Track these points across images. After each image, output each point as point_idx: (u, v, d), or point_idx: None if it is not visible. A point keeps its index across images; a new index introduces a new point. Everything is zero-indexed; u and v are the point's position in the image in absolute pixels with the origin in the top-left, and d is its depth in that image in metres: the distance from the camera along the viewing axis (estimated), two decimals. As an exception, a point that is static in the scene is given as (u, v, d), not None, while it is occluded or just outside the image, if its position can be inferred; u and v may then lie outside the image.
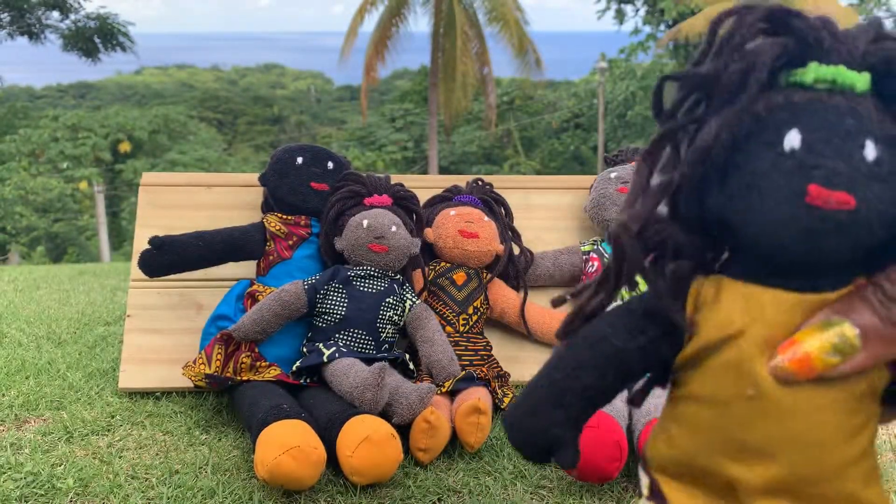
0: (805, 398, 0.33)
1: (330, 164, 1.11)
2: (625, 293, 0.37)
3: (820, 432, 0.33)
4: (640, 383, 0.40)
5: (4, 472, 0.80)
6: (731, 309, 0.34)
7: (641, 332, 0.36)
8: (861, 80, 0.32)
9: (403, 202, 1.10)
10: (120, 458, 0.86)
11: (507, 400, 1.02)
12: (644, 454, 0.39)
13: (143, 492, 0.77)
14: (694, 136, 0.33)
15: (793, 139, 0.31)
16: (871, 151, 0.30)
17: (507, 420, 0.41)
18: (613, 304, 0.38)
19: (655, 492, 0.37)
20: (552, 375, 0.39)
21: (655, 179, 0.34)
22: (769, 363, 0.32)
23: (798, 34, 0.32)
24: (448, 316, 1.08)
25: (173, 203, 1.18)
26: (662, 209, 0.34)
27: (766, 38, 0.32)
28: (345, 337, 0.98)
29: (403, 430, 0.85)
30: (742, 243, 0.34)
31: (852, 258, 0.32)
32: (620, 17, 16.86)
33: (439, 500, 0.78)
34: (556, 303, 0.39)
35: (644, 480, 0.39)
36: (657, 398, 0.87)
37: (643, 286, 0.36)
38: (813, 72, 0.32)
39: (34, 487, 0.77)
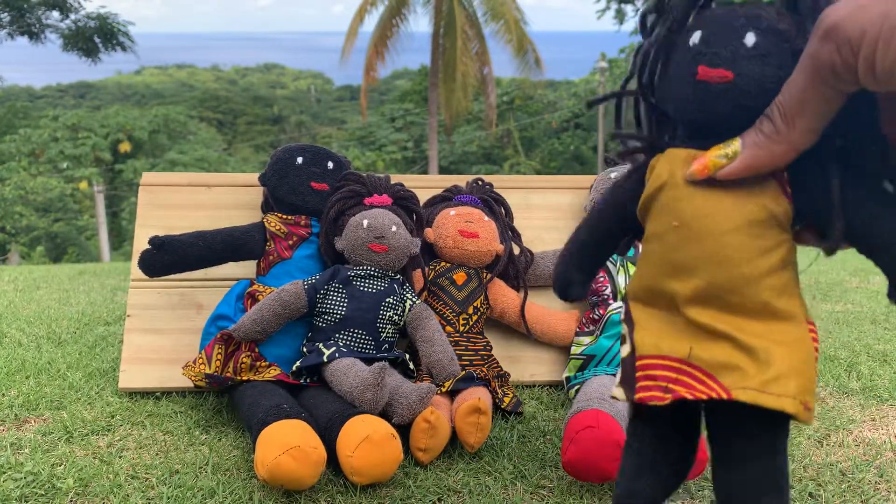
0: (715, 223, 0.42)
1: (330, 164, 1.11)
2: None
3: (728, 251, 0.41)
4: (626, 239, 0.52)
5: (4, 472, 0.80)
6: (661, 168, 0.45)
7: (614, 196, 0.50)
8: None
9: (403, 202, 1.10)
10: (120, 457, 0.86)
11: (507, 400, 1.02)
12: (626, 290, 0.50)
13: (143, 492, 0.77)
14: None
15: (695, 37, 0.42)
16: (750, 39, 0.40)
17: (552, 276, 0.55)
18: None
19: (627, 315, 0.48)
20: (570, 239, 0.53)
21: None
22: (685, 173, 0.43)
23: None
24: (448, 316, 1.08)
25: (173, 203, 1.18)
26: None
27: None
28: (345, 337, 0.98)
29: (403, 430, 0.85)
30: (673, 119, 0.45)
31: (748, 120, 0.41)
32: (620, 16, 16.85)
33: (439, 500, 0.78)
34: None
35: (623, 307, 0.50)
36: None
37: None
38: None
39: (34, 487, 0.77)
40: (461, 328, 1.08)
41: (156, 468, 0.83)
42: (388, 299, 1.01)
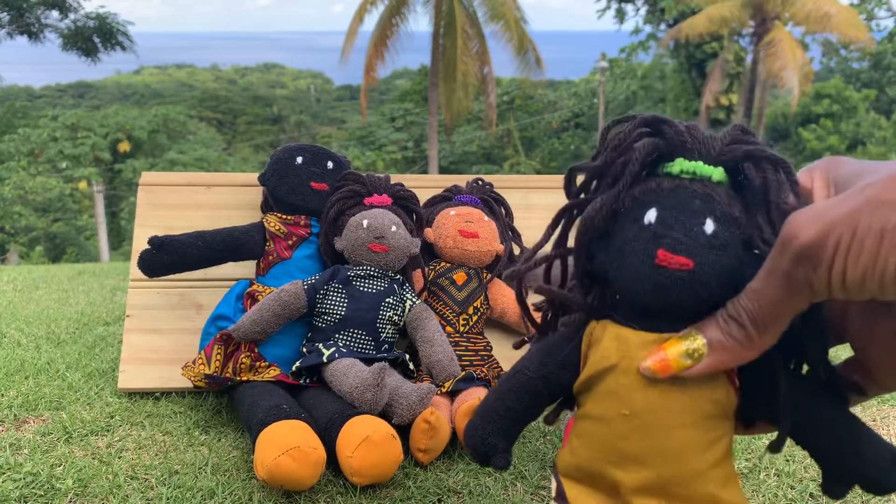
0: (668, 417, 0.41)
1: (330, 164, 1.11)
2: None
3: (680, 444, 0.41)
4: (552, 406, 0.49)
5: (3, 473, 0.80)
6: (608, 347, 0.42)
7: (545, 365, 0.46)
8: (716, 172, 0.41)
9: (403, 202, 1.10)
10: (119, 458, 0.85)
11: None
12: (555, 462, 0.47)
13: (142, 492, 0.77)
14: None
15: (651, 215, 0.40)
16: (709, 227, 0.39)
17: (464, 435, 0.50)
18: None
19: (560, 493, 0.46)
20: (489, 398, 0.49)
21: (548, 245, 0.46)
22: (641, 367, 0.41)
23: (668, 137, 0.42)
24: (448, 316, 1.08)
25: (173, 203, 1.18)
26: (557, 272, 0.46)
27: (644, 139, 0.42)
28: (344, 337, 0.98)
29: (403, 431, 0.85)
30: (617, 294, 0.43)
31: (699, 309, 0.40)
32: (621, 16, 16.84)
33: (439, 500, 0.78)
34: (517, 345, 0.52)
35: (553, 484, 0.47)
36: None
37: None
38: (678, 165, 0.42)
39: (33, 488, 0.77)
40: (461, 328, 1.08)
41: (155, 469, 0.83)
42: (387, 299, 1.01)
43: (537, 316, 0.50)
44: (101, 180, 14.61)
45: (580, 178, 0.46)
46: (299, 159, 1.09)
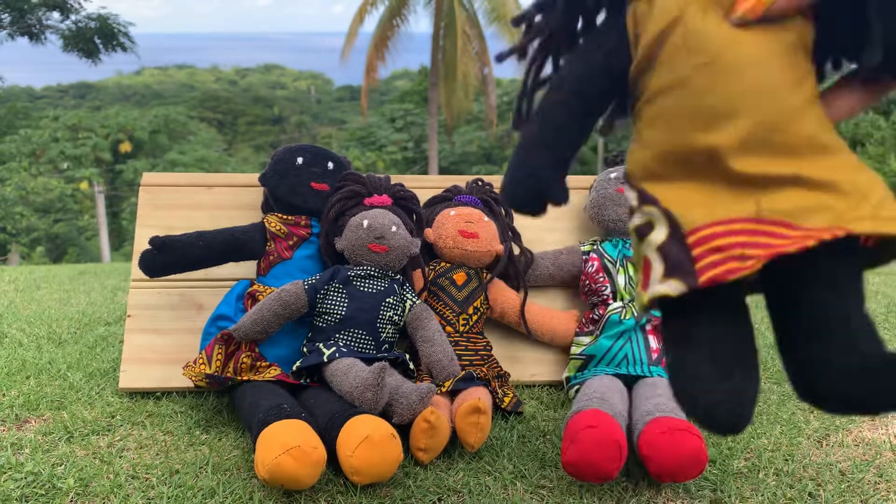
0: (748, 53, 0.36)
1: (330, 165, 1.11)
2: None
3: (768, 79, 0.36)
4: (606, 114, 0.43)
5: (5, 472, 0.80)
6: (665, 4, 0.38)
7: (591, 55, 0.40)
8: None
9: (403, 202, 1.10)
10: (120, 457, 0.86)
11: (507, 400, 1.02)
12: (627, 172, 0.41)
13: (143, 491, 0.77)
14: None
15: None
16: None
17: (503, 182, 0.43)
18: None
19: (645, 197, 0.39)
20: (531, 128, 0.42)
21: None
22: (730, 18, 0.37)
23: None
24: (448, 316, 1.08)
25: (173, 203, 1.19)
26: None
27: None
28: (345, 337, 0.98)
29: (403, 430, 0.85)
30: None
31: None
32: (621, 17, 16.81)
33: (439, 499, 0.78)
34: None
35: (631, 195, 0.41)
36: (657, 398, 0.88)
37: None
38: None
39: (35, 487, 0.77)
40: (461, 328, 1.08)
41: (156, 468, 0.83)
42: (388, 299, 1.01)
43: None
44: (102, 181, 14.61)
45: None
46: (300, 160, 1.09)
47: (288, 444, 0.74)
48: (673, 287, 0.36)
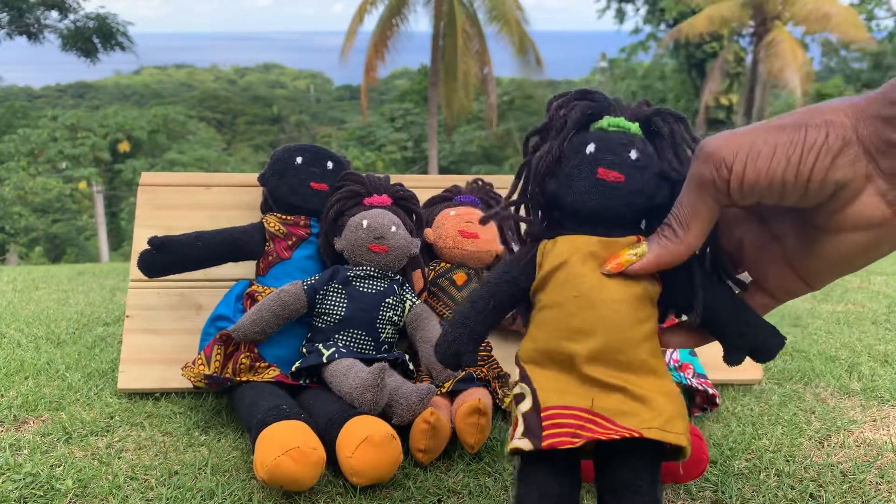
0: (608, 295, 0.52)
1: (329, 164, 1.10)
2: None
3: (619, 318, 0.52)
4: (512, 312, 0.60)
5: (3, 473, 0.80)
6: (561, 248, 0.54)
7: (508, 273, 0.58)
8: (633, 126, 0.56)
9: (403, 202, 1.10)
10: (119, 458, 0.85)
11: (507, 400, 1.01)
12: (518, 355, 0.56)
13: (142, 493, 0.77)
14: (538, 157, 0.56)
15: (591, 147, 0.54)
16: (633, 154, 0.54)
17: (436, 344, 0.59)
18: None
19: (524, 375, 0.55)
20: (459, 308, 0.59)
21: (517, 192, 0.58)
22: (601, 268, 0.53)
23: (597, 101, 0.56)
24: (448, 316, 1.08)
25: (172, 203, 1.18)
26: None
27: (580, 102, 0.56)
28: (344, 337, 0.98)
29: (403, 431, 0.85)
30: (566, 210, 0.55)
31: (629, 217, 0.54)
32: (621, 16, 16.84)
33: (439, 501, 0.78)
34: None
35: (516, 370, 0.56)
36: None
37: None
38: (606, 120, 0.56)
39: (33, 488, 0.77)
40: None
41: (155, 469, 0.83)
42: (387, 300, 1.00)
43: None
44: (101, 180, 14.61)
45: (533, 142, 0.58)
46: (299, 159, 1.09)
47: (287, 445, 0.74)
48: (526, 444, 0.51)
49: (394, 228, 1.01)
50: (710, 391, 0.99)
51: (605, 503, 0.54)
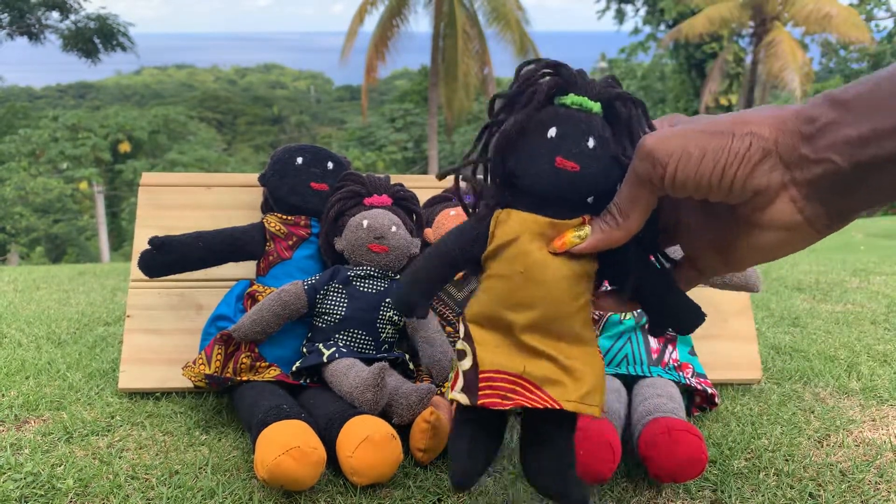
0: (550, 272, 0.56)
1: (330, 165, 1.11)
2: None
3: (558, 293, 0.56)
4: (464, 272, 0.64)
5: (4, 473, 0.80)
6: (513, 225, 0.57)
7: (461, 239, 0.60)
8: (595, 106, 0.57)
9: (403, 202, 1.10)
10: (120, 458, 0.86)
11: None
12: (464, 314, 0.61)
13: (142, 492, 0.77)
14: (499, 128, 0.58)
15: (552, 132, 0.55)
16: (591, 142, 0.55)
17: (392, 295, 0.65)
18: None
19: (467, 334, 0.60)
20: (414, 265, 0.63)
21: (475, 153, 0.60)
22: (548, 247, 0.56)
23: (564, 76, 0.57)
24: (448, 316, 1.08)
25: (173, 203, 1.18)
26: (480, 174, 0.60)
27: (547, 77, 0.57)
28: (345, 337, 0.98)
29: (403, 431, 0.85)
30: (522, 188, 0.57)
31: (579, 201, 0.56)
32: (620, 17, 16.84)
33: (439, 500, 0.78)
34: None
35: (461, 328, 0.61)
36: (657, 398, 0.88)
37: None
38: (570, 98, 0.57)
39: (34, 488, 0.77)
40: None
41: (156, 469, 0.83)
42: (387, 300, 1.01)
43: None
44: (102, 181, 14.61)
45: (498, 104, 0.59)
46: (299, 160, 1.09)
47: (287, 445, 0.74)
48: (464, 399, 0.58)
49: (394, 228, 1.01)
50: (710, 391, 0.99)
51: (524, 452, 0.62)
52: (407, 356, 1.02)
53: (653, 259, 0.60)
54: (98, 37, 8.51)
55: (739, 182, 0.46)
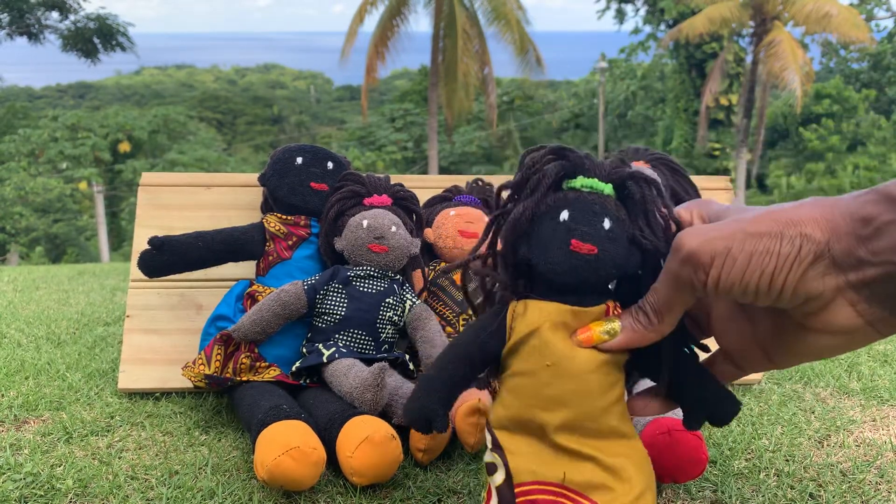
0: (580, 365, 0.52)
1: (330, 164, 1.11)
2: None
3: (590, 386, 0.52)
4: (484, 373, 0.60)
5: (4, 473, 0.80)
6: (532, 315, 0.54)
7: (478, 336, 0.57)
8: (607, 188, 0.54)
9: (403, 202, 1.10)
10: (119, 458, 0.86)
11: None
12: (488, 420, 0.57)
13: (142, 492, 0.77)
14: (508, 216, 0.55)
15: (565, 215, 0.53)
16: (607, 224, 0.53)
17: (405, 408, 0.59)
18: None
19: (495, 442, 0.55)
20: (430, 372, 0.59)
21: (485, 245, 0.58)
22: (572, 338, 0.53)
23: (571, 160, 0.55)
24: (448, 316, 1.08)
25: (173, 203, 1.18)
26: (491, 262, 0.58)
27: (553, 162, 0.55)
28: (344, 337, 0.98)
29: (403, 431, 0.85)
30: (538, 276, 0.54)
31: (600, 286, 0.54)
32: (620, 16, 16.84)
33: (439, 500, 0.78)
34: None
35: (488, 437, 0.56)
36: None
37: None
38: (580, 181, 0.54)
39: (34, 488, 0.77)
40: (461, 329, 1.08)
41: (155, 469, 0.83)
42: (387, 300, 1.01)
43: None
44: (102, 181, 14.61)
45: (504, 195, 0.57)
46: (299, 160, 1.09)
47: (287, 445, 0.74)
48: None
49: (394, 228, 1.01)
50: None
51: None
52: (407, 356, 1.02)
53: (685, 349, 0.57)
54: (98, 37, 8.52)
55: (790, 288, 0.44)
